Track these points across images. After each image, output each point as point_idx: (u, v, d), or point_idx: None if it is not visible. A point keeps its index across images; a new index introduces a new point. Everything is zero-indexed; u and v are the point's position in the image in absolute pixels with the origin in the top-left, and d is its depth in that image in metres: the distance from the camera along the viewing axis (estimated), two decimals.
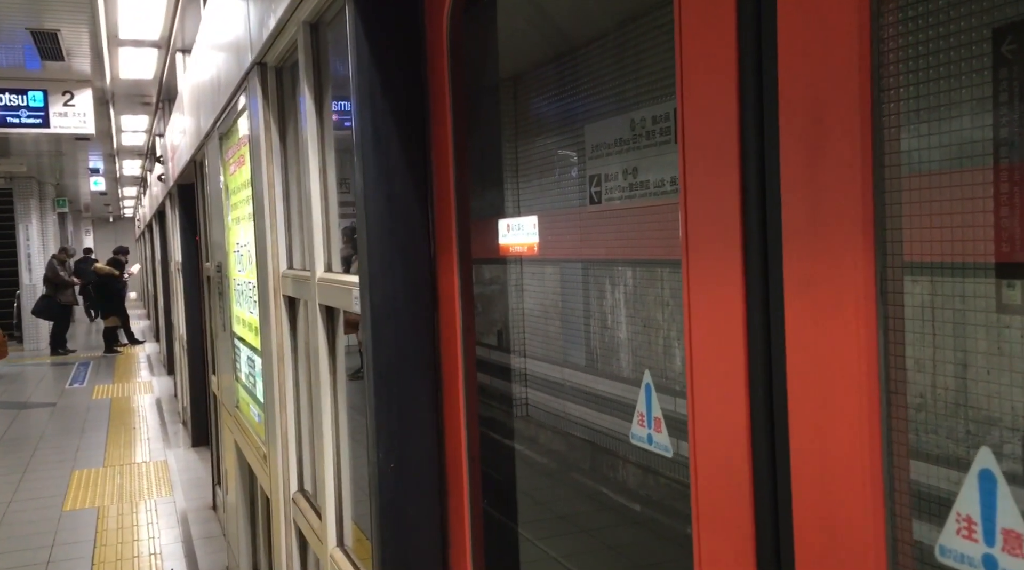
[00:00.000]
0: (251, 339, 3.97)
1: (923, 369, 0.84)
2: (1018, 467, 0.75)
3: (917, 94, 0.84)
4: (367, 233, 1.95)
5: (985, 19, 0.79)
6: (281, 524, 3.34)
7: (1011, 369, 0.77)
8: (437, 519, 2.03)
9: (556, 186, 1.94)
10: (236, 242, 4.30)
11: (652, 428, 1.28)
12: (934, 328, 0.83)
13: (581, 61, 1.84)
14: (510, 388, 2.12)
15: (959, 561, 0.77)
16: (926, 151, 0.84)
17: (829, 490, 0.87)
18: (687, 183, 1.05)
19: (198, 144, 5.65)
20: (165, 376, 13.58)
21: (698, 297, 1.05)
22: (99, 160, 18.38)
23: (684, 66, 1.05)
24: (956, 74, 0.81)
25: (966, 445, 0.80)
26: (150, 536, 6.27)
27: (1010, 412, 0.77)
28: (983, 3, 0.79)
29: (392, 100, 1.96)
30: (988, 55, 0.78)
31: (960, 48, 0.81)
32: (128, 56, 9.61)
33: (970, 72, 0.80)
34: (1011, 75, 0.76)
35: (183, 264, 8.11)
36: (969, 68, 0.80)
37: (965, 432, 0.81)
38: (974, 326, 0.80)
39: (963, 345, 0.81)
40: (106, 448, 9.01)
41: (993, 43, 0.77)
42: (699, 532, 1.06)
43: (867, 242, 0.83)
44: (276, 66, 3.20)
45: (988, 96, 0.79)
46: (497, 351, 2.13)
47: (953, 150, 0.82)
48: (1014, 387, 0.76)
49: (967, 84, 0.80)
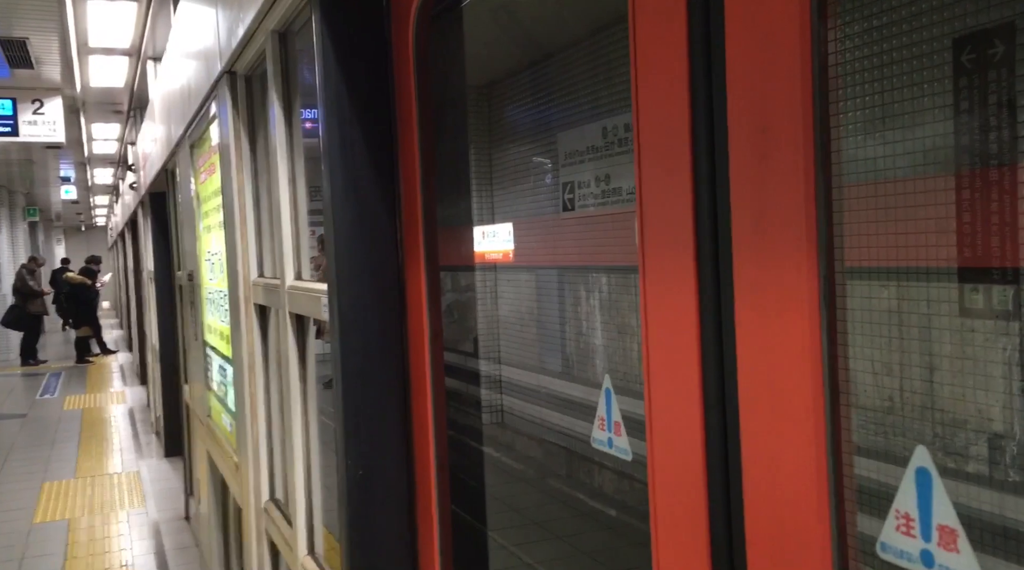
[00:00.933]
0: (223, 348, 3.96)
1: (864, 369, 0.87)
2: (954, 464, 0.77)
3: (859, 105, 0.87)
4: (335, 240, 1.96)
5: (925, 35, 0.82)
6: (253, 533, 3.33)
7: (947, 368, 0.80)
8: (406, 526, 2.04)
9: (530, 193, 1.96)
10: (208, 250, 4.28)
11: (612, 432, 1.30)
12: (872, 329, 0.86)
13: (551, 69, 1.87)
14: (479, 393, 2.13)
15: (899, 557, 0.80)
16: (869, 161, 0.87)
17: (778, 485, 0.89)
18: (643, 191, 1.08)
19: (169, 152, 5.62)
20: (138, 386, 13.44)
21: (654, 301, 1.07)
22: (70, 169, 18.20)
23: (638, 78, 1.08)
24: (898, 86, 0.84)
25: (904, 443, 0.83)
26: (122, 548, 6.20)
27: (947, 409, 0.80)
28: (922, 19, 0.82)
29: (359, 108, 1.97)
30: (934, 66, 0.81)
31: (902, 63, 0.84)
32: (98, 64, 9.55)
33: (911, 85, 0.83)
34: (957, 85, 0.79)
35: (156, 273, 8.05)
36: (911, 81, 0.83)
37: (904, 430, 0.84)
38: (910, 327, 0.83)
39: (901, 346, 0.84)
40: (77, 459, 8.90)
41: (953, 53, 0.80)
42: (656, 528, 1.08)
43: (810, 247, 0.85)
44: (246, 74, 3.20)
45: (930, 108, 0.82)
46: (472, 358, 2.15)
47: (896, 160, 0.85)
48: (945, 384, 0.79)
49: (908, 97, 0.83)
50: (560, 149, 1.72)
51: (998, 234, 0.75)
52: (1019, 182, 0.73)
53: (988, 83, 0.76)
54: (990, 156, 0.76)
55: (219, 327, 4.03)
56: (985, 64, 0.75)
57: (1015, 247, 0.74)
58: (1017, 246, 0.73)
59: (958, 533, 0.74)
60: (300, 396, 2.72)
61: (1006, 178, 0.74)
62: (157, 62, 8.13)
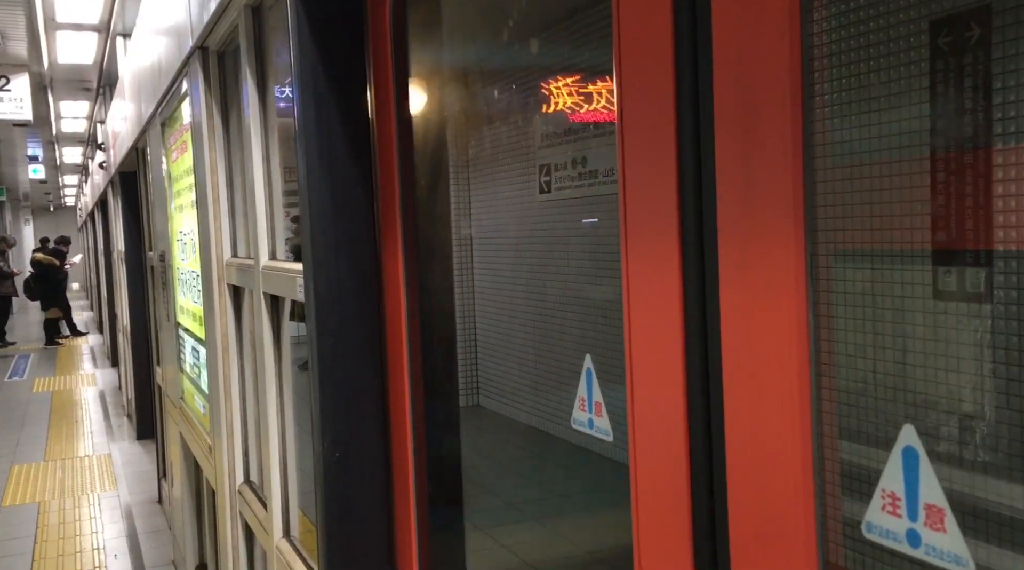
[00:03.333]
0: (196, 329, 3.91)
1: (851, 351, 0.86)
2: (940, 444, 0.77)
3: (848, 85, 0.86)
4: (310, 219, 1.92)
5: (912, 14, 0.81)
6: (227, 516, 3.30)
7: (931, 352, 0.79)
8: (383, 508, 2.02)
9: (505, 175, 1.94)
10: (179, 230, 4.21)
11: (593, 413, 1.29)
12: (862, 312, 0.85)
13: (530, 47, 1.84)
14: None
15: (884, 537, 0.79)
16: (857, 142, 0.86)
17: (762, 465, 0.88)
18: (625, 170, 1.06)
19: (140, 131, 5.52)
20: (109, 368, 13.27)
21: (637, 281, 1.05)
22: (38, 147, 17.87)
23: (621, 54, 1.06)
24: (886, 67, 0.83)
25: (890, 423, 0.82)
26: (93, 531, 6.14)
27: (932, 391, 0.79)
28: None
29: (335, 85, 1.94)
30: (919, 48, 0.80)
31: (889, 42, 0.83)
32: (66, 40, 9.35)
33: (899, 66, 0.82)
34: (945, 67, 0.78)
35: (126, 254, 7.93)
36: (898, 62, 0.82)
37: (888, 410, 0.83)
38: (895, 311, 0.82)
39: (887, 329, 0.83)
40: (47, 442, 8.79)
41: (930, 36, 0.79)
42: (637, 509, 1.07)
43: (798, 227, 0.84)
44: (218, 51, 3.14)
45: (919, 88, 0.80)
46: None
47: (883, 141, 0.83)
48: (928, 367, 0.79)
49: (895, 78, 0.82)
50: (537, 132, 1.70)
51: (991, 213, 0.74)
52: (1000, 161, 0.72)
53: (979, 64, 0.75)
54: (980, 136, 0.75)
55: (192, 308, 3.98)
56: (970, 46, 0.74)
57: (989, 231, 0.73)
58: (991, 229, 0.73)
59: (945, 512, 0.73)
60: (275, 377, 2.69)
61: (1003, 158, 0.73)
62: (127, 38, 7.98)
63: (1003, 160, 0.73)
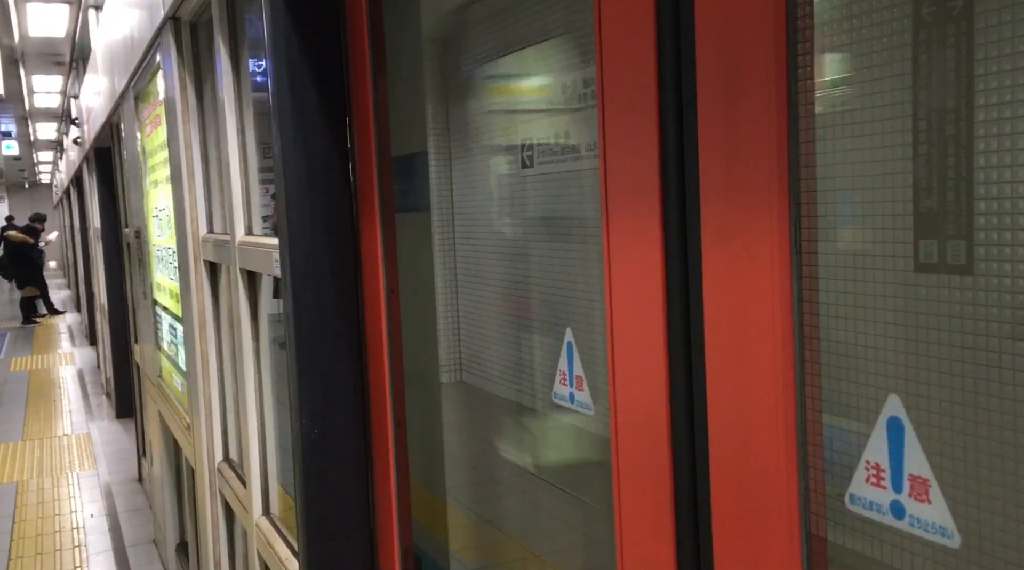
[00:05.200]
0: (172, 306, 3.86)
1: (836, 316, 0.84)
2: (925, 415, 0.75)
3: (836, 43, 0.84)
4: (286, 193, 1.88)
5: None
6: (207, 495, 3.27)
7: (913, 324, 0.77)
8: (363, 485, 2.00)
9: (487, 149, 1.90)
10: (155, 206, 4.15)
11: (574, 387, 1.27)
12: (847, 284, 0.84)
13: (510, 19, 1.80)
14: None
15: (868, 508, 0.78)
16: (840, 104, 0.83)
17: (745, 433, 0.87)
18: (606, 134, 1.03)
19: (113, 105, 5.42)
20: (87, 347, 13.15)
21: (618, 251, 1.03)
22: (11, 123, 17.58)
23: (602, 16, 1.03)
24: (875, 22, 0.81)
25: (874, 393, 0.81)
26: (73, 510, 6.10)
27: (912, 359, 0.77)
28: None
29: (310, 55, 1.89)
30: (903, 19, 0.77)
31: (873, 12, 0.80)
32: (37, 12, 9.16)
33: (883, 23, 0.80)
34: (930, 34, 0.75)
35: (102, 230, 7.82)
36: (881, 18, 0.80)
37: (873, 379, 0.82)
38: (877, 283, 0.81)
39: (871, 302, 0.82)
40: (25, 421, 8.71)
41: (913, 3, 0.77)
42: (619, 481, 1.06)
43: (781, 193, 0.82)
44: (191, 21, 3.07)
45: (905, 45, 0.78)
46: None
47: (868, 101, 0.81)
48: (907, 339, 0.77)
49: (881, 34, 0.80)
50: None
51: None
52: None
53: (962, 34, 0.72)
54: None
55: (169, 285, 3.93)
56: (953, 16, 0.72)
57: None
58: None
59: (931, 483, 0.72)
60: (252, 354, 2.66)
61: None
62: (99, 10, 7.81)
63: (984, 131, 0.71)
